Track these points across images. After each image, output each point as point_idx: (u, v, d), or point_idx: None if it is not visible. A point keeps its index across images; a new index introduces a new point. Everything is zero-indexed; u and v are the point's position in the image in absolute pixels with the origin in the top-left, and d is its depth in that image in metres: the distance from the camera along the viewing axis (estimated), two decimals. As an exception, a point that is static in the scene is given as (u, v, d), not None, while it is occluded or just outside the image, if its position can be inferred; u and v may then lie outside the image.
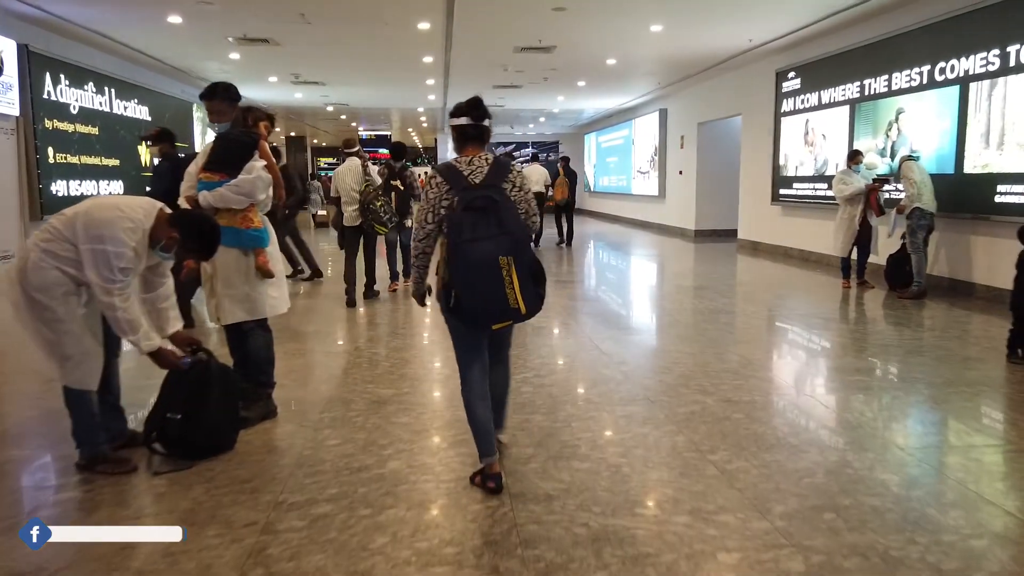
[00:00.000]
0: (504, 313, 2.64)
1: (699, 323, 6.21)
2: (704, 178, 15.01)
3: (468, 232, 2.58)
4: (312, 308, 7.58)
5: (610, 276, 10.16)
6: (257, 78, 13.85)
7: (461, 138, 2.86)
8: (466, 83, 14.50)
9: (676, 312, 6.78)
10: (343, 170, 7.15)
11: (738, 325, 6.29)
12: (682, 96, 15.70)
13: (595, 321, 6.41)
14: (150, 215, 2.99)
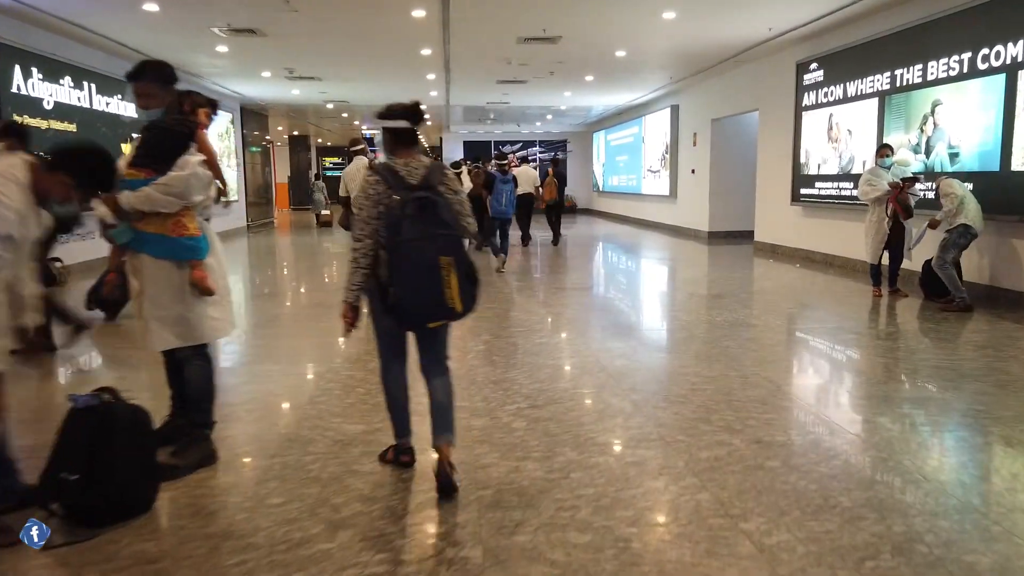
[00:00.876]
0: (441, 312, 2.72)
1: (718, 338, 5.54)
2: (718, 177, 14.31)
3: (408, 232, 2.63)
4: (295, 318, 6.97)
5: (619, 282, 9.48)
6: (250, 73, 13.26)
7: (395, 140, 2.89)
8: (468, 78, 13.86)
9: (692, 325, 6.11)
10: (352, 170, 7.03)
11: (762, 341, 5.61)
12: (695, 91, 14.99)
13: (602, 335, 5.75)
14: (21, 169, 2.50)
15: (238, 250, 13.82)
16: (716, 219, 14.46)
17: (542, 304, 7.21)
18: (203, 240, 3.10)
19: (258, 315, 7.18)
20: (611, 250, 13.78)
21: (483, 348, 5.35)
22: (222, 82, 14.28)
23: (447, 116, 21.92)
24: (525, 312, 6.73)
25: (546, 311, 6.80)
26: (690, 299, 7.54)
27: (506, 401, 4.04)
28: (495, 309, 6.88)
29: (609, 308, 7.16)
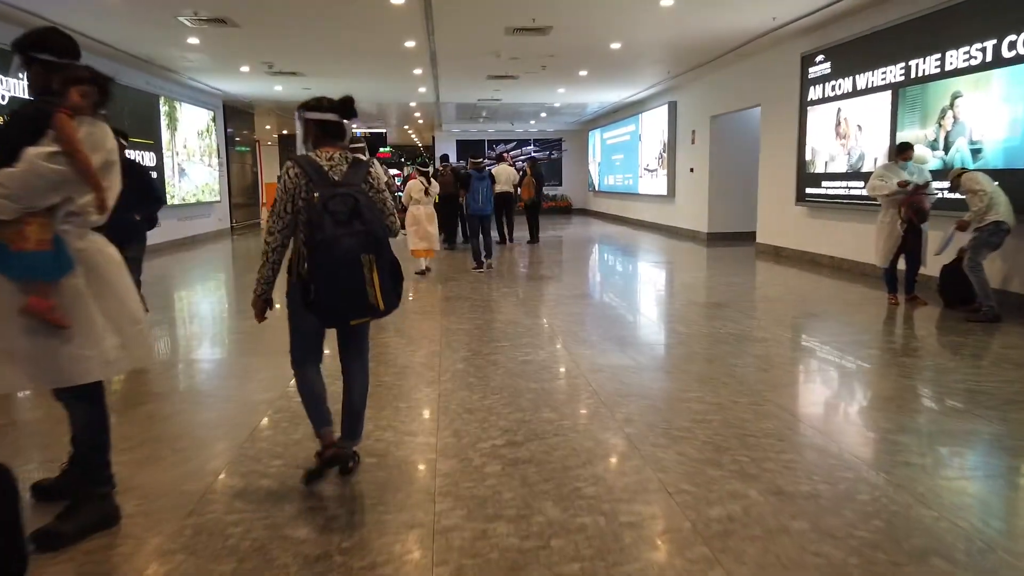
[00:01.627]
0: (364, 310, 2.71)
1: (723, 356, 4.96)
2: (718, 176, 13.74)
3: (331, 228, 2.59)
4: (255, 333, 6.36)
5: (613, 288, 8.89)
6: (228, 68, 12.66)
7: (321, 134, 2.86)
8: (457, 73, 13.28)
9: (693, 339, 5.53)
10: None
11: (772, 359, 5.03)
12: (694, 87, 14.42)
13: (593, 352, 5.16)
14: None
15: (216, 255, 13.21)
16: (716, 220, 13.89)
17: (529, 314, 6.62)
18: (51, 256, 2.32)
19: (213, 330, 6.59)
20: (606, 252, 13.20)
21: (460, 367, 4.77)
22: (200, 78, 13.67)
23: (438, 114, 21.32)
24: (510, 323, 6.14)
25: (532, 322, 6.22)
26: (690, 308, 6.96)
27: (481, 436, 3.45)
28: (476, 320, 6.29)
29: (602, 319, 6.58)
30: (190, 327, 6.79)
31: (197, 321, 7.10)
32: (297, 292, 2.77)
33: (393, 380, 4.45)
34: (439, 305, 7.16)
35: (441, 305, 7.16)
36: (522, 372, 4.59)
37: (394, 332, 5.85)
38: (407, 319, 6.42)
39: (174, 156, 13.80)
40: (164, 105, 13.39)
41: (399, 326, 6.12)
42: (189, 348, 5.84)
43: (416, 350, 5.22)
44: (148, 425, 3.77)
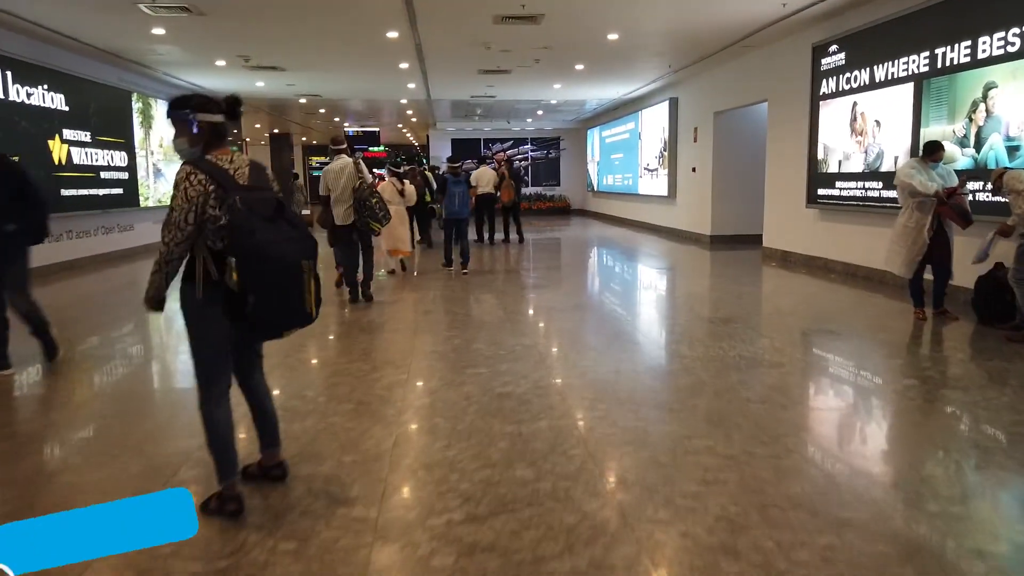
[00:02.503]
0: (300, 319, 2.60)
1: (734, 387, 4.26)
2: (722, 176, 13.02)
3: (263, 233, 2.45)
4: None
5: (610, 300, 8.18)
6: (203, 63, 11.94)
7: (214, 135, 2.65)
8: (446, 67, 12.56)
9: (699, 365, 4.82)
10: (334, 168, 6.76)
11: (792, 391, 4.32)
12: (696, 82, 13.71)
13: (583, 383, 4.46)
14: None
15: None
16: (719, 222, 13.18)
17: (514, 331, 5.91)
18: None
19: (143, 376, 5.88)
20: (603, 257, 12.50)
21: (426, 403, 4.07)
22: (176, 73, 12.96)
23: (431, 112, 20.62)
24: (491, 343, 5.44)
25: (516, 342, 5.51)
26: (695, 324, 6.24)
27: (434, 506, 2.75)
28: (454, 340, 5.59)
29: (596, 337, 5.86)
30: (111, 372, 6.09)
31: (130, 358, 6.37)
32: (211, 306, 2.51)
33: (343, 421, 3.74)
34: (415, 321, 6.46)
35: (417, 320, 6.46)
36: (498, 410, 3.88)
37: (359, 355, 5.15)
38: (376, 337, 5.72)
39: (148, 156, 13.10)
40: (137, 102, 12.68)
41: (366, 347, 5.42)
42: (102, 398, 5.13)
43: (379, 379, 4.51)
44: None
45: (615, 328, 6.13)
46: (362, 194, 6.62)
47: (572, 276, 10.04)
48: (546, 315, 6.75)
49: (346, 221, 6.75)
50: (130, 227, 12.52)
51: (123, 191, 12.02)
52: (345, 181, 6.68)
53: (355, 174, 6.68)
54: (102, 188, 11.32)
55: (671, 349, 5.27)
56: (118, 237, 12.08)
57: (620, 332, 5.99)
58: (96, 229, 11.37)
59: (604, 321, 6.43)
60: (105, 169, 11.42)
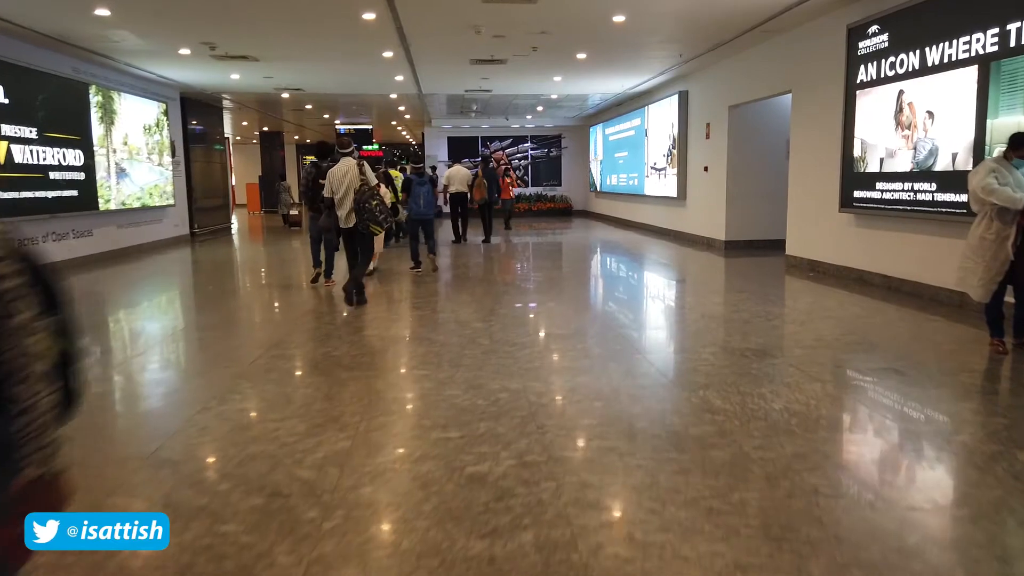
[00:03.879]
0: None
1: (791, 467, 3.11)
2: (737, 176, 11.88)
3: None
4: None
5: (616, 323, 7.02)
6: (164, 51, 10.82)
7: None
8: (435, 55, 11.43)
9: (737, 428, 3.67)
10: (339, 171, 6.66)
11: (874, 473, 3.18)
12: (709, 73, 12.55)
13: (582, 459, 3.33)
14: None
15: (163, 267, 11.35)
16: (735, 226, 12.03)
17: (499, 371, 4.77)
18: None
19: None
20: (608, 266, 11.36)
21: (365, 497, 2.93)
22: (138, 63, 11.84)
23: (425, 108, 19.48)
24: (469, 388, 4.31)
25: (499, 385, 4.37)
26: (723, 359, 5.09)
27: None
28: (424, 384, 4.45)
29: (600, 382, 4.70)
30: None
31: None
32: None
33: (238, 533, 2.60)
34: (380, 350, 5.32)
35: (383, 350, 5.32)
36: (466, 508, 2.74)
37: (297, 408, 4.01)
38: (327, 379, 4.58)
39: (110, 154, 11.97)
40: (96, 95, 11.56)
41: (310, 393, 4.28)
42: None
43: (312, 448, 3.38)
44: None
45: (625, 365, 4.99)
46: (362, 196, 6.49)
47: (573, 290, 8.90)
48: (540, 345, 5.62)
49: (349, 224, 6.66)
50: (88, 232, 11.40)
51: (78, 193, 10.89)
52: (348, 183, 6.57)
53: (358, 176, 6.55)
54: (51, 190, 10.20)
55: (699, 399, 4.12)
56: (74, 244, 10.97)
57: (631, 371, 4.84)
58: (45, 236, 10.25)
59: (611, 354, 5.28)
60: (55, 169, 10.30)
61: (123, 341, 6.23)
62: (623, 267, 11.00)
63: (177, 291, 9.32)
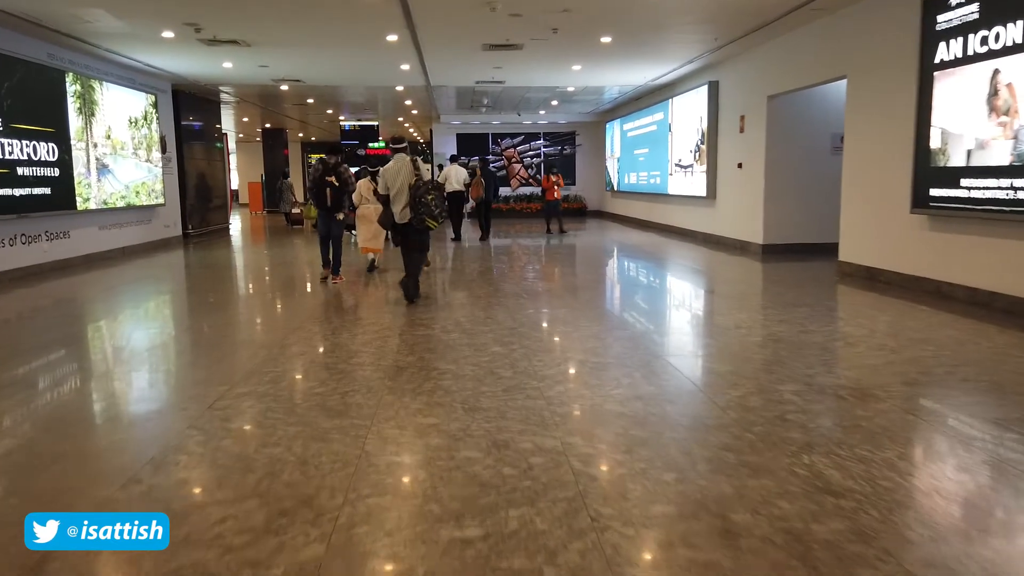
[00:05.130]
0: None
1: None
2: (777, 173, 10.78)
3: None
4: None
5: (651, 339, 5.93)
6: (145, 34, 9.80)
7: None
8: (443, 40, 10.36)
9: (852, 505, 2.61)
10: (393, 168, 6.75)
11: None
12: (744, 60, 11.44)
13: (651, 530, 2.25)
14: None
15: (149, 271, 10.31)
16: (773, 228, 10.93)
17: (525, 418, 3.71)
18: None
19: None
20: (634, 272, 10.26)
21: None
22: (120, 49, 10.83)
23: (433, 103, 18.43)
24: (488, 452, 3.25)
25: (531, 444, 3.32)
26: (810, 400, 3.97)
27: None
28: (429, 442, 3.38)
29: (658, 436, 3.62)
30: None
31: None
32: None
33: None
34: (374, 388, 4.25)
35: (378, 388, 4.25)
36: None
37: (257, 486, 2.94)
38: (306, 429, 3.52)
39: (90, 149, 10.96)
40: (74, 84, 10.55)
41: (276, 459, 3.21)
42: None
43: (264, 568, 2.31)
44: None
45: (689, 411, 3.90)
46: (418, 191, 6.57)
47: (602, 303, 7.82)
48: (574, 378, 4.54)
49: (403, 220, 6.74)
50: (64, 234, 10.40)
51: (52, 191, 9.89)
52: (402, 179, 6.65)
53: (412, 172, 6.63)
54: (19, 187, 9.18)
55: (805, 470, 3.01)
56: (48, 247, 9.96)
57: (700, 421, 3.75)
58: (13, 238, 9.25)
59: (666, 394, 4.19)
60: (24, 164, 9.29)
61: (65, 369, 5.18)
62: (653, 275, 9.91)
63: (151, 302, 8.29)
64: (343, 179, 8.12)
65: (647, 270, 10.31)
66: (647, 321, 6.53)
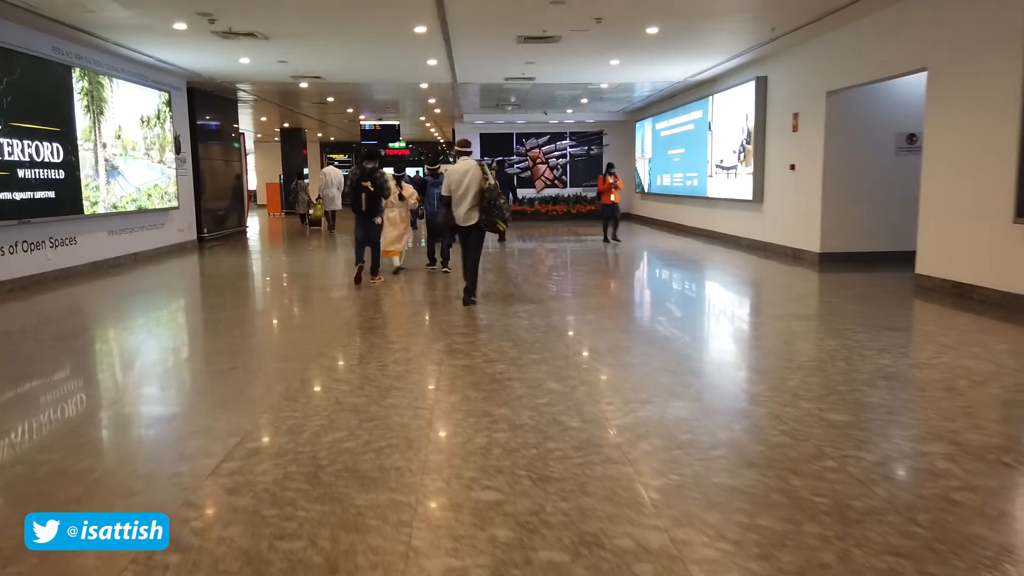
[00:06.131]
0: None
1: None
2: (837, 175, 9.91)
3: None
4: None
5: (734, 375, 5.08)
6: (156, 26, 9.11)
7: None
8: (476, 31, 9.58)
9: None
10: (458, 169, 6.82)
11: None
12: (799, 53, 10.56)
13: None
14: None
15: (159, 280, 9.63)
16: (832, 235, 10.04)
17: (607, 494, 2.92)
18: None
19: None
20: (676, 284, 9.41)
21: None
22: (130, 43, 10.16)
23: (457, 102, 17.68)
24: (575, 551, 2.45)
25: (628, 538, 2.53)
26: (972, 471, 3.07)
27: None
28: (505, 515, 2.59)
29: (796, 534, 2.82)
30: None
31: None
32: None
33: None
34: (415, 443, 3.46)
35: (419, 442, 3.46)
36: None
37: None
38: (333, 510, 2.74)
39: (98, 149, 10.30)
40: (82, 79, 9.90)
41: (302, 552, 2.43)
42: None
43: None
44: None
45: (823, 488, 3.08)
46: (492, 195, 6.71)
47: (659, 322, 7.00)
48: (663, 434, 3.72)
49: (467, 222, 6.82)
50: (71, 240, 9.74)
51: (57, 195, 9.23)
52: (468, 182, 6.75)
53: (482, 177, 6.74)
54: (20, 191, 8.53)
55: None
56: (52, 255, 9.31)
57: (849, 512, 2.93)
58: (14, 245, 8.59)
59: (778, 459, 3.36)
60: (25, 166, 8.63)
61: (25, 414, 4.45)
62: (709, 288, 9.06)
63: (154, 318, 7.58)
64: (379, 184, 8.24)
65: (700, 282, 9.46)
66: (722, 349, 5.69)
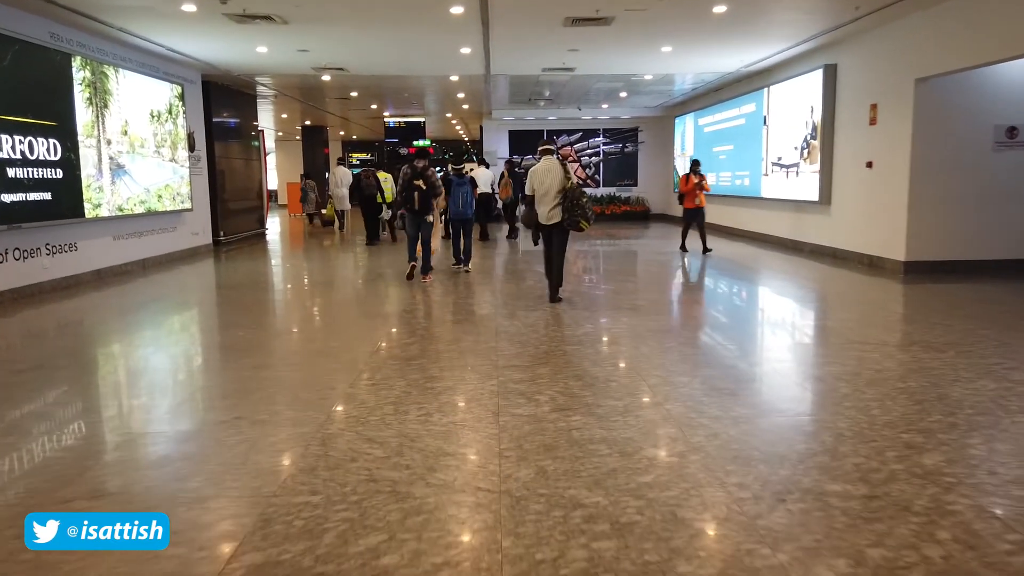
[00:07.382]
0: None
1: None
2: (926, 173, 8.73)
3: None
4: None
5: (839, 426, 3.99)
6: (163, 8, 8.16)
7: None
8: (519, 11, 8.51)
9: None
10: (541, 168, 6.93)
11: None
12: (879, 36, 9.37)
13: None
14: None
15: (169, 289, 8.70)
16: (920, 242, 8.87)
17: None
18: None
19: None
20: (748, 302, 8.27)
21: None
22: (137, 29, 9.24)
23: (487, 95, 16.61)
24: None
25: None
26: None
27: None
28: None
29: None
30: None
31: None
32: None
33: None
34: (488, 564, 2.43)
35: (494, 565, 2.43)
36: None
37: None
38: None
39: (102, 146, 9.39)
40: (83, 69, 8.98)
41: None
42: None
43: None
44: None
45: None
46: (574, 194, 6.75)
47: (725, 345, 5.90)
48: (769, 521, 2.66)
49: (549, 221, 6.89)
50: (71, 247, 8.84)
51: (54, 196, 8.32)
52: (550, 181, 6.82)
53: (564, 176, 6.80)
54: (11, 192, 7.62)
55: None
56: (48, 263, 8.41)
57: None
58: (4, 253, 7.70)
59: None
60: (16, 164, 7.72)
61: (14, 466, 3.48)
62: (788, 305, 7.92)
63: (152, 340, 6.62)
64: (431, 183, 8.38)
65: (775, 298, 8.32)
66: (818, 387, 4.57)
